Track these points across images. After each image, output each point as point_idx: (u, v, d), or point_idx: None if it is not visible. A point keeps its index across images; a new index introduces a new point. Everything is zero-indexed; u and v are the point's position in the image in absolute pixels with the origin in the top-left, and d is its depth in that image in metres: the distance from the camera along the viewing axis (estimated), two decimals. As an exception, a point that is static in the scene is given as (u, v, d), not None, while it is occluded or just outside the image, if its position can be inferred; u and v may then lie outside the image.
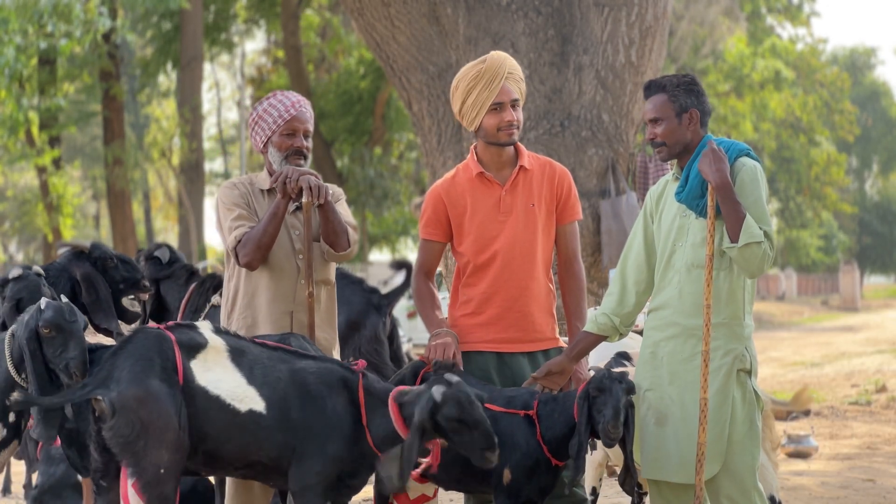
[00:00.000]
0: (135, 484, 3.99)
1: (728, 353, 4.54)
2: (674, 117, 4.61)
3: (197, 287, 6.62)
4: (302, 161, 4.98)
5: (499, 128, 4.80)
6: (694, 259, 4.57)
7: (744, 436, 4.55)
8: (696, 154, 4.63)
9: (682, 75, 4.71)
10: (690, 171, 4.61)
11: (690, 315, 4.56)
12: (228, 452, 4.15)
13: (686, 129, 4.63)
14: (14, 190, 40.00)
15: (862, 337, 25.88)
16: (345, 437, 4.20)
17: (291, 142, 4.96)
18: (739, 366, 4.55)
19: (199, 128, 27.18)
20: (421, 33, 8.98)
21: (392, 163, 30.89)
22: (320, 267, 4.95)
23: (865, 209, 59.58)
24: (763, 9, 35.73)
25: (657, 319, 4.66)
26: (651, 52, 8.89)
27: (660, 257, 4.69)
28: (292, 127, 4.96)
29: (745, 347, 4.58)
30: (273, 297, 4.88)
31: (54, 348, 4.19)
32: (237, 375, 4.15)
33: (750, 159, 4.63)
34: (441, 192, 4.90)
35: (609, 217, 8.62)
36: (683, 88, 4.65)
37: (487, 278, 4.80)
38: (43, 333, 4.19)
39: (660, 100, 4.63)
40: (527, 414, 4.53)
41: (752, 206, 4.51)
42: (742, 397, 4.56)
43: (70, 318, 4.21)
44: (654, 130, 4.64)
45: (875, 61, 64.21)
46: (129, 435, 3.99)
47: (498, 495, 4.52)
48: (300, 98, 5.04)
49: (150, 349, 4.08)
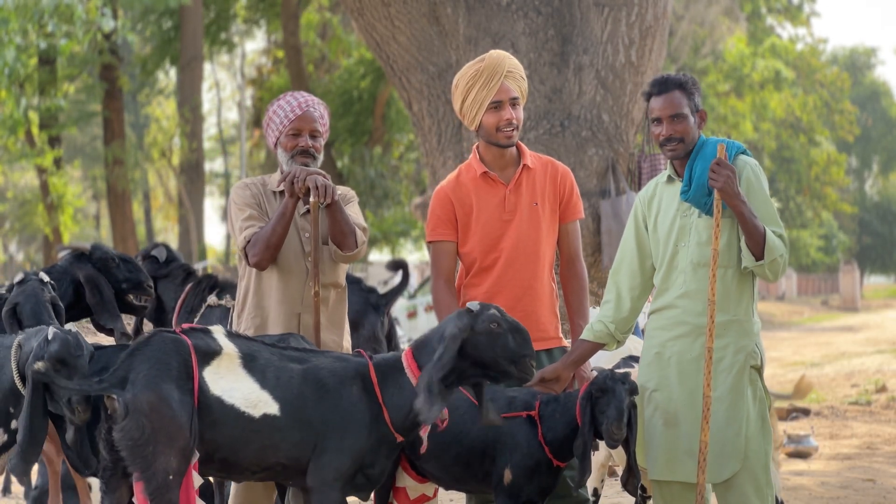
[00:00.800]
0: (142, 489, 3.98)
1: (740, 350, 4.55)
2: (690, 115, 4.62)
3: (193, 287, 6.64)
4: (310, 161, 4.98)
5: (497, 127, 4.79)
6: (700, 258, 4.57)
7: (757, 433, 4.55)
8: (695, 153, 4.64)
9: (687, 75, 4.72)
10: (693, 171, 4.61)
11: (700, 314, 4.56)
12: (245, 458, 4.14)
13: (697, 127, 4.66)
14: (14, 190, 40.00)
15: (862, 337, 25.88)
16: (362, 426, 4.18)
17: (296, 142, 4.97)
18: (752, 362, 4.56)
19: (199, 128, 27.19)
20: (421, 33, 8.98)
21: (392, 163, 30.88)
22: (329, 269, 4.95)
23: (865, 209, 59.55)
24: (763, 9, 35.72)
25: (663, 319, 4.66)
26: (651, 52, 8.89)
27: (661, 259, 4.68)
28: (297, 127, 4.97)
29: (755, 344, 4.60)
30: (282, 298, 4.90)
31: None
32: (250, 381, 4.14)
33: (745, 156, 4.66)
34: (448, 192, 4.89)
35: (609, 217, 8.62)
36: (696, 87, 4.68)
37: (491, 278, 4.81)
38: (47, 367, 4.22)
39: (678, 96, 4.62)
40: (528, 415, 4.53)
41: (762, 206, 4.52)
42: (753, 395, 4.56)
43: (76, 352, 4.25)
44: (674, 127, 4.59)
45: (875, 61, 64.19)
46: (139, 438, 3.99)
47: (498, 495, 4.52)
48: (309, 98, 5.04)
49: (167, 354, 4.08)
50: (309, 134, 4.99)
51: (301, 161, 4.96)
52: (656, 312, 4.71)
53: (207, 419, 4.07)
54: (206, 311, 6.55)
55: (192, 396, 4.05)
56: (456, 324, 4.16)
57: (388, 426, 4.22)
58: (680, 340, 4.61)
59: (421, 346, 4.27)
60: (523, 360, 4.16)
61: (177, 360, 4.07)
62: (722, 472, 4.54)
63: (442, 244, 4.87)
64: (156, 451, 3.98)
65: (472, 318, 4.16)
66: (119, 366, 4.10)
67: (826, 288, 57.81)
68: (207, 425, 4.07)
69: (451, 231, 4.86)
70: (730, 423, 4.51)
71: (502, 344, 4.15)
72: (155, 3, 22.64)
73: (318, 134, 5.01)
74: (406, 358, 4.26)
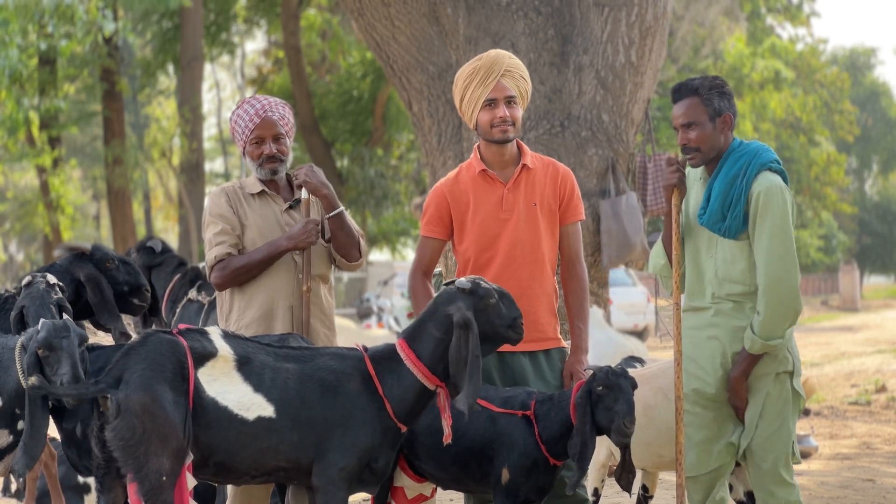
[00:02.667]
0: (136, 490, 3.97)
1: (773, 359, 4.56)
2: (707, 122, 4.54)
3: (179, 278, 6.74)
4: (278, 165, 4.98)
5: (491, 124, 4.80)
6: (726, 275, 4.58)
7: (772, 433, 4.55)
8: (720, 166, 4.56)
9: (713, 77, 4.62)
10: (713, 191, 4.54)
11: (731, 316, 4.58)
12: (242, 462, 4.12)
13: (720, 133, 4.56)
14: (14, 190, 40.00)
15: (862, 337, 25.85)
16: (366, 422, 4.18)
17: (261, 150, 4.96)
18: (781, 368, 4.55)
19: (199, 128, 27.16)
20: (421, 33, 8.98)
21: (392, 163, 30.88)
22: (318, 263, 4.96)
23: (865, 209, 59.53)
24: (763, 9, 35.72)
25: (694, 319, 4.68)
26: (651, 52, 8.89)
27: (692, 257, 4.70)
28: (258, 135, 4.96)
29: (786, 349, 4.58)
30: (271, 294, 4.89)
31: (51, 367, 4.25)
32: (243, 385, 4.12)
33: (772, 174, 4.53)
34: (444, 190, 4.90)
35: (609, 217, 8.62)
36: (717, 91, 4.57)
37: (488, 277, 4.80)
38: (39, 354, 4.25)
39: (692, 103, 4.55)
40: (524, 414, 4.53)
41: (767, 239, 4.44)
42: (778, 394, 4.56)
43: (61, 334, 4.26)
44: (687, 136, 4.54)
45: (875, 61, 64.23)
46: (130, 439, 3.97)
47: (496, 495, 4.52)
48: (266, 103, 5.00)
49: (162, 355, 4.07)
50: (272, 139, 4.96)
51: (269, 167, 4.97)
52: (688, 312, 4.71)
53: (202, 421, 4.06)
54: (186, 304, 6.69)
55: (187, 398, 4.03)
56: (459, 308, 4.19)
57: (391, 418, 4.23)
58: (711, 342, 4.63)
59: (416, 334, 4.28)
60: (516, 321, 4.27)
61: (172, 362, 4.06)
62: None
63: (429, 240, 4.91)
64: (148, 453, 3.96)
65: (473, 299, 4.21)
66: (114, 365, 4.08)
67: (826, 288, 57.79)
68: (202, 428, 4.06)
69: (441, 229, 4.88)
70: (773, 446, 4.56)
71: (499, 313, 4.24)
72: (156, 5, 22.62)
73: (280, 136, 4.98)
74: (403, 349, 4.27)
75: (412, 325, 4.33)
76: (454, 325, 4.17)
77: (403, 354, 4.25)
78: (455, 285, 4.26)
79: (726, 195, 4.51)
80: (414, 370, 4.23)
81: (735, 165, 4.54)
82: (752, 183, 4.49)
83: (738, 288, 4.56)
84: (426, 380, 4.23)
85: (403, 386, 4.23)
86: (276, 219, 4.96)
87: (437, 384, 4.24)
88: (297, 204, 4.99)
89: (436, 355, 4.23)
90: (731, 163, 4.55)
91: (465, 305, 4.19)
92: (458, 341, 4.15)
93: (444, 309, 4.22)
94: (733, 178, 4.52)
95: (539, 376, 4.81)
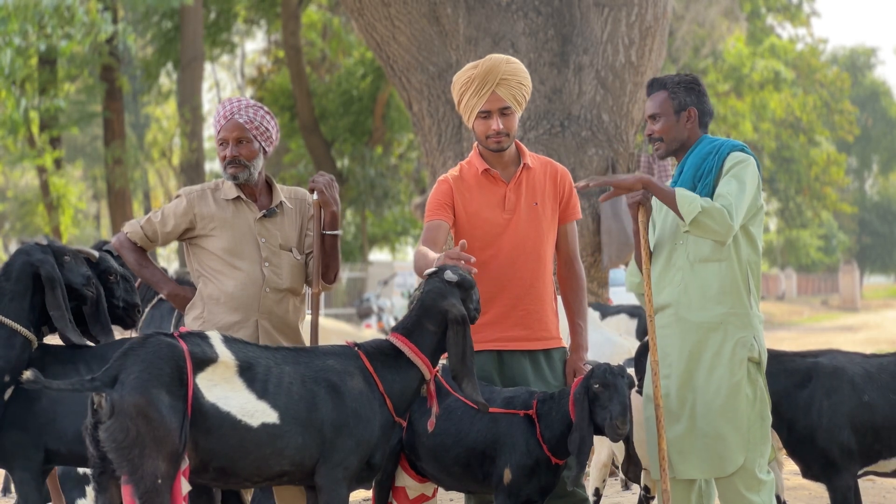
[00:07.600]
0: (131, 492, 3.95)
1: (737, 342, 4.59)
2: (672, 114, 4.73)
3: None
4: (239, 170, 4.84)
5: (486, 135, 4.81)
6: (697, 253, 4.62)
7: (754, 433, 4.56)
8: (692, 149, 4.73)
9: (685, 75, 4.82)
10: (685, 166, 4.73)
11: (697, 310, 4.60)
12: (245, 468, 4.10)
13: (683, 126, 4.74)
14: (14, 190, 40.01)
15: (862, 337, 25.88)
16: (369, 421, 4.20)
17: (224, 153, 4.87)
18: (749, 354, 4.57)
19: (199, 128, 27.18)
20: (421, 33, 8.99)
21: (392, 163, 30.90)
22: (289, 276, 4.89)
23: (865, 209, 59.60)
24: (763, 9, 35.74)
25: (664, 318, 4.69)
26: (651, 52, 8.89)
27: (658, 257, 4.73)
28: (222, 137, 4.87)
29: (753, 336, 4.61)
30: (237, 305, 4.81)
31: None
32: (247, 392, 4.09)
33: (743, 153, 4.68)
34: (450, 181, 4.88)
35: (609, 217, 8.62)
36: (684, 87, 4.75)
37: (490, 276, 4.78)
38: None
39: (660, 97, 4.76)
40: (526, 413, 4.53)
41: (724, 185, 4.56)
42: (753, 393, 4.57)
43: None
44: (652, 126, 4.78)
45: (875, 61, 64.27)
46: (123, 441, 3.93)
47: (498, 495, 4.52)
48: (236, 104, 4.92)
49: (161, 358, 4.03)
50: (234, 142, 4.83)
51: (231, 172, 4.84)
52: (658, 311, 4.73)
53: (202, 427, 4.03)
54: (158, 304, 6.72)
55: (185, 402, 4.00)
56: (453, 303, 4.23)
57: (391, 412, 4.26)
58: (679, 338, 4.64)
59: (412, 328, 4.31)
60: (479, 304, 4.40)
61: (170, 365, 4.01)
62: (725, 466, 4.55)
63: (436, 221, 4.79)
64: (143, 455, 3.92)
65: (460, 290, 4.28)
66: (112, 364, 4.06)
67: (826, 288, 57.85)
68: (202, 433, 4.02)
69: (449, 214, 4.81)
70: (727, 416, 4.53)
71: (473, 299, 4.36)
72: (157, 4, 22.62)
73: (244, 139, 4.84)
74: (403, 343, 4.29)
75: (406, 320, 4.36)
76: (451, 321, 4.20)
77: (406, 348, 4.27)
78: (444, 277, 4.28)
79: (698, 168, 4.68)
80: (419, 363, 4.27)
81: (708, 146, 4.71)
82: (724, 159, 4.64)
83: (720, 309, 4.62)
84: (428, 372, 4.28)
85: (404, 381, 4.27)
86: (250, 227, 4.87)
87: (433, 375, 4.35)
88: (272, 213, 4.89)
89: (431, 348, 4.31)
90: (703, 145, 4.72)
91: (456, 300, 4.25)
92: (455, 337, 4.18)
93: (439, 304, 4.24)
94: (706, 154, 4.68)
95: (539, 376, 4.80)
